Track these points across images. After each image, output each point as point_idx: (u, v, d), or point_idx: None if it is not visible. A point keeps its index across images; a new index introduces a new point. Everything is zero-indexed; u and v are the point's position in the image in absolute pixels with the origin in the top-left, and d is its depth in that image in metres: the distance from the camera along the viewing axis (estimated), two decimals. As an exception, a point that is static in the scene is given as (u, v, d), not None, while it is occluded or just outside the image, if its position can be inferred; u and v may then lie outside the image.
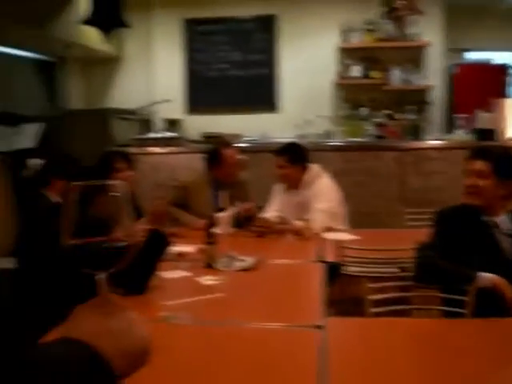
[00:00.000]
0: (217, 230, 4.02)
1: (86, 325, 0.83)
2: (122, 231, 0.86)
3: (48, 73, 7.69)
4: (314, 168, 4.54)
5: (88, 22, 5.52)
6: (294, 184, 4.50)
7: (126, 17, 6.37)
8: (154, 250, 2.79)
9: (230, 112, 7.48)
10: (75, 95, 7.77)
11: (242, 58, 7.54)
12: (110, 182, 0.87)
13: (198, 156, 4.97)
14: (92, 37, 6.44)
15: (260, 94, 7.51)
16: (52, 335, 1.79)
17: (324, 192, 4.40)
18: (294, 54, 7.44)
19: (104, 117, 6.60)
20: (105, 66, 7.81)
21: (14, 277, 2.85)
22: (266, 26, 7.44)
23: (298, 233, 4.12)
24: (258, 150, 6.17)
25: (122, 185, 0.88)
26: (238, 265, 3.17)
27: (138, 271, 2.54)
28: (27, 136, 5.94)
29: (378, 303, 2.69)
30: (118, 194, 0.86)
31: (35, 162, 5.00)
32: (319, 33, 7.36)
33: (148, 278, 2.74)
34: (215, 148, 4.64)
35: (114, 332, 0.84)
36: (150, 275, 2.76)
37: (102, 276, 0.86)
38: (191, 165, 5.63)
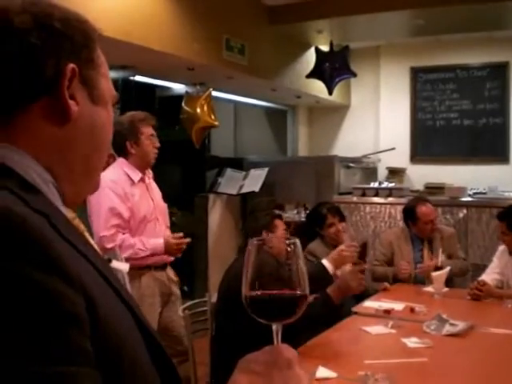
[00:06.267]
0: (431, 289, 3.90)
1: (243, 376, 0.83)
2: (298, 283, 0.87)
3: (279, 120, 8.14)
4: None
5: (311, 75, 5.75)
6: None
7: (354, 66, 6.53)
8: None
9: (456, 162, 7.19)
10: (302, 142, 8.08)
11: (471, 106, 7.27)
12: (270, 238, 0.88)
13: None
14: (320, 87, 6.66)
15: (490, 145, 7.13)
16: None
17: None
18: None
19: (329, 164, 6.74)
20: (332, 113, 8.02)
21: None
22: (497, 74, 7.09)
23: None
24: (485, 204, 5.86)
25: (281, 241, 0.89)
26: (448, 329, 3.00)
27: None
28: (253, 180, 6.30)
29: None
30: (292, 247, 0.88)
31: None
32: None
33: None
34: (411, 205, 4.54)
35: None
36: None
37: (276, 326, 0.87)
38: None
